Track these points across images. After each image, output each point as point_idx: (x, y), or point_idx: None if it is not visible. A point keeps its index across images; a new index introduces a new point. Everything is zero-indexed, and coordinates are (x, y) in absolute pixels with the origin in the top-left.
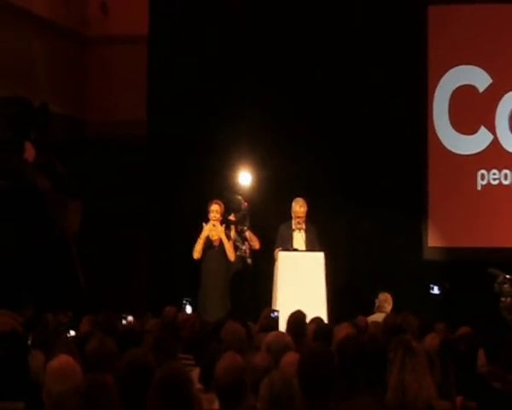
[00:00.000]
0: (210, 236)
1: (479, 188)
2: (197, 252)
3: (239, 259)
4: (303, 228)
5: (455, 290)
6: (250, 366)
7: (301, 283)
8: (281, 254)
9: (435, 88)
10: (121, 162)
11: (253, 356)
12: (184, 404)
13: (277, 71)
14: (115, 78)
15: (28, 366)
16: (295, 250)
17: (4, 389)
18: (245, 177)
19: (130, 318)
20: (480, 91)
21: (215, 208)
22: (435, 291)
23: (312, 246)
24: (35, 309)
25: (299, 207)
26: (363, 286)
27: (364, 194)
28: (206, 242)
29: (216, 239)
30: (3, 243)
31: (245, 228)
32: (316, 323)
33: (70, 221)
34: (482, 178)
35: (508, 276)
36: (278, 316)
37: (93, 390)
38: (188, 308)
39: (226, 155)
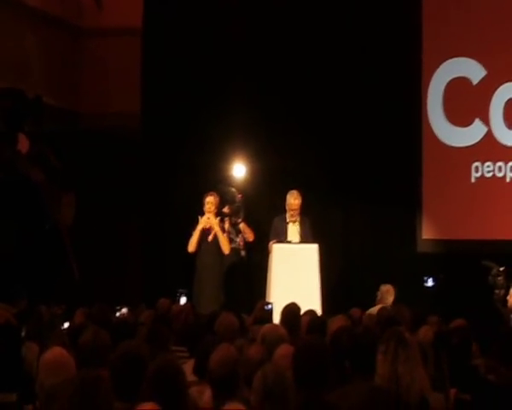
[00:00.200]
0: (204, 226)
1: (473, 180)
2: (192, 245)
3: (233, 251)
4: (297, 220)
5: (449, 283)
6: (244, 358)
7: (295, 275)
8: (275, 246)
9: (429, 80)
10: (115, 154)
11: (247, 348)
12: (177, 395)
13: (271, 64)
14: (109, 70)
15: (21, 358)
16: (289, 243)
17: None
18: (239, 169)
19: (124, 310)
20: (475, 83)
21: (210, 200)
22: (429, 284)
23: (306, 238)
24: (29, 301)
25: (293, 199)
26: (357, 279)
27: (358, 186)
28: (200, 235)
29: (211, 233)
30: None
31: (239, 220)
32: (310, 315)
33: (64, 214)
34: (476, 170)
35: (502, 268)
36: (272, 308)
37: (86, 385)
38: (182, 300)
39: (220, 148)
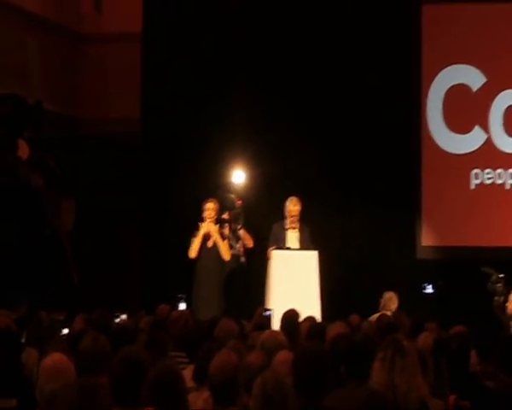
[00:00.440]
0: (206, 232)
1: (472, 187)
2: (194, 251)
3: (233, 257)
4: (296, 227)
5: (448, 289)
6: (244, 365)
7: (295, 281)
8: (274, 252)
9: (429, 87)
10: (114, 160)
11: (247, 355)
12: (177, 401)
13: (271, 69)
14: (108, 75)
15: (21, 364)
16: (288, 249)
17: None
18: (238, 175)
19: (123, 316)
20: (474, 90)
21: (210, 206)
22: (429, 290)
23: (306, 245)
24: (29, 307)
25: (293, 205)
26: (356, 285)
27: (358, 193)
28: (202, 241)
29: (210, 240)
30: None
31: (238, 227)
32: (309, 321)
33: (64, 219)
34: (476, 177)
35: (501, 275)
36: (271, 314)
37: (84, 392)
38: (181, 305)
39: (219, 154)
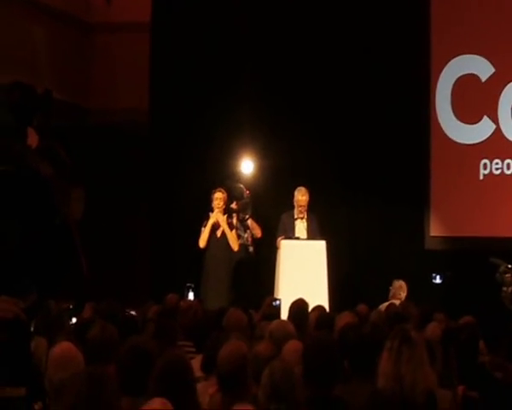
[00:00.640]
0: (214, 222)
1: (481, 177)
2: (203, 240)
3: (241, 247)
4: (305, 217)
5: (457, 280)
6: (253, 355)
7: (303, 271)
8: (283, 242)
9: (438, 77)
10: (123, 150)
11: (256, 344)
12: (185, 390)
13: (279, 60)
14: (117, 65)
15: (30, 353)
16: (297, 239)
17: (6, 376)
18: (247, 165)
19: (132, 313)
20: (483, 81)
21: (219, 196)
22: (437, 281)
23: (314, 235)
24: (38, 296)
25: (301, 195)
26: (364, 275)
27: (366, 183)
28: (210, 230)
29: (219, 230)
30: (6, 230)
31: (247, 216)
32: (318, 311)
33: (73, 209)
34: (485, 167)
35: (510, 266)
36: (280, 304)
37: (92, 381)
38: (190, 295)
39: (228, 144)
